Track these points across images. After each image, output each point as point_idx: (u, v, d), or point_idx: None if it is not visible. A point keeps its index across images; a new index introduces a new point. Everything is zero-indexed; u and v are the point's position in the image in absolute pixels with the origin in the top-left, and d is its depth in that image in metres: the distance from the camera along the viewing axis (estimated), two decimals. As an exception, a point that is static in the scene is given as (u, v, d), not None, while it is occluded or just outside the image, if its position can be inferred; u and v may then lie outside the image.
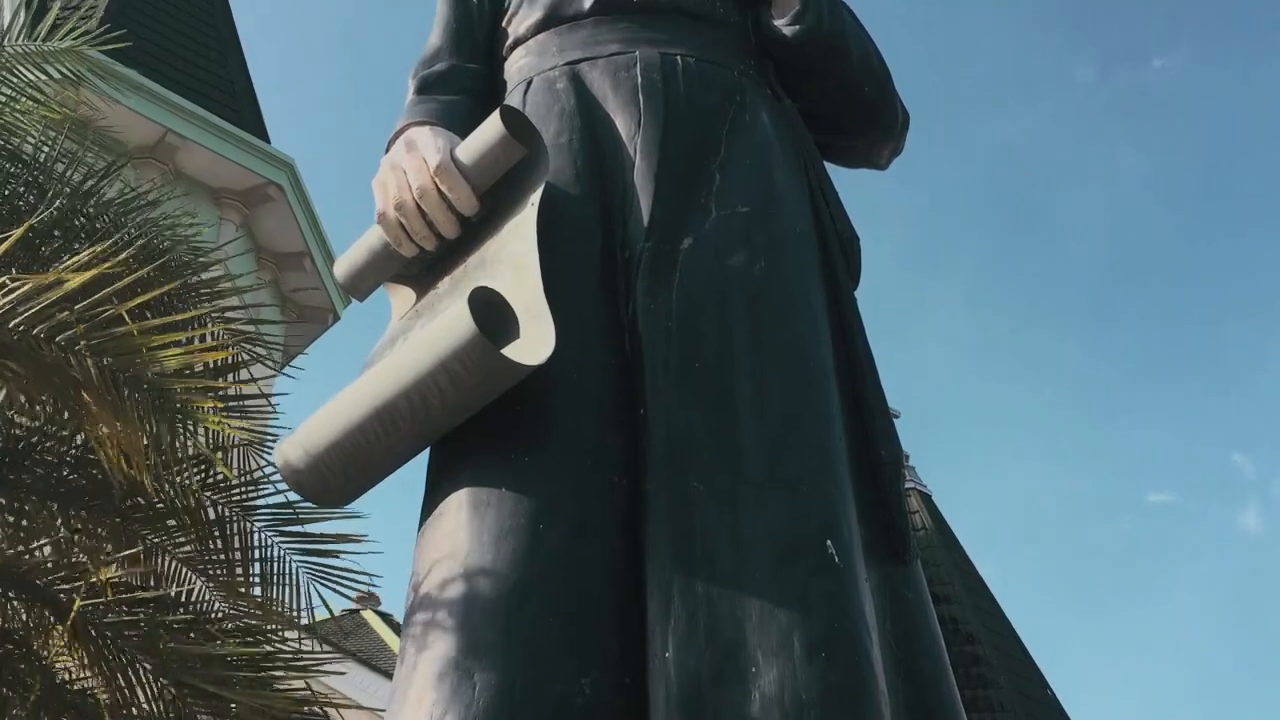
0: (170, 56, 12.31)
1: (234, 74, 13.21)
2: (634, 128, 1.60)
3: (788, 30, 1.76)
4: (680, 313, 1.44)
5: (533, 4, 1.79)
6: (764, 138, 1.64)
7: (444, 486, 1.38)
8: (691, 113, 1.62)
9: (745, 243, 1.51)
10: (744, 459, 1.34)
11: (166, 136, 10.98)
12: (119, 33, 6.09)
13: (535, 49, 1.75)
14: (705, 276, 1.47)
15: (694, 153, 1.58)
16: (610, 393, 1.41)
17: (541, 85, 1.69)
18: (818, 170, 1.72)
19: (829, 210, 1.67)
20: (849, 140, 1.87)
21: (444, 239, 1.54)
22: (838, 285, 1.60)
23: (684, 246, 1.50)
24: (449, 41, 1.81)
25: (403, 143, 1.59)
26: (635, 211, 1.53)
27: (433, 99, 1.72)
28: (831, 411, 1.44)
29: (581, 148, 1.59)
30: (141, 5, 12.78)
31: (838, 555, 1.29)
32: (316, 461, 1.36)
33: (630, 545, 1.33)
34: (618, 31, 1.71)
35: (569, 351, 1.35)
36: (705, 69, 1.68)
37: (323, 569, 4.89)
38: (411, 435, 1.35)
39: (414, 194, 1.52)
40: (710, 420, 1.36)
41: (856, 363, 1.55)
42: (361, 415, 1.33)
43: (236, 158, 11.43)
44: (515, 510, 1.30)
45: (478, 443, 1.37)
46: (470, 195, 1.50)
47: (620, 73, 1.66)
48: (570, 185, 1.55)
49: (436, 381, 1.29)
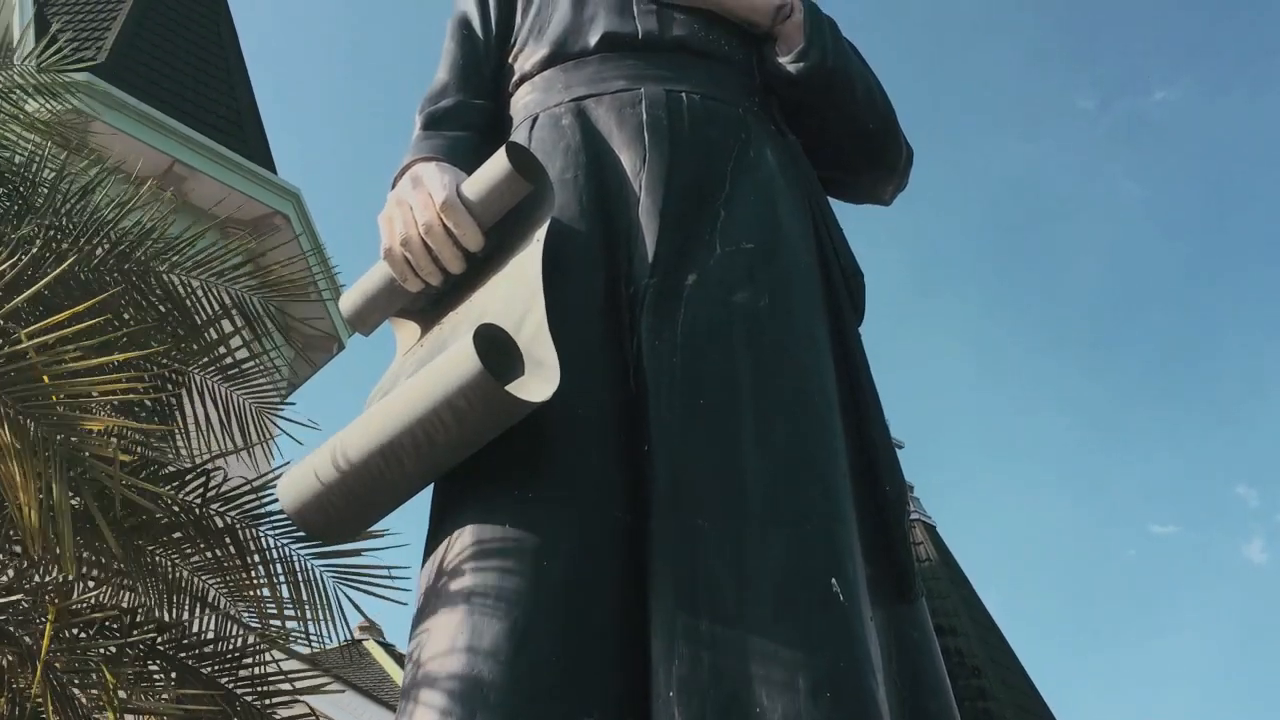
0: (178, 86, 12.40)
1: (241, 104, 13.30)
2: (639, 164, 1.60)
3: (792, 67, 1.77)
4: (684, 349, 1.44)
5: (539, 41, 1.81)
6: (768, 174, 1.65)
7: (448, 522, 1.37)
8: (696, 149, 1.63)
9: (750, 279, 1.51)
10: (748, 496, 1.33)
11: (174, 166, 11.05)
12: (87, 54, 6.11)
13: (541, 85, 1.77)
14: (710, 313, 1.48)
15: (699, 189, 1.59)
16: (615, 429, 1.41)
17: (547, 121, 1.70)
18: (821, 206, 1.73)
19: (833, 246, 1.67)
20: (853, 176, 1.88)
21: (449, 274, 1.54)
22: (842, 320, 1.60)
23: (689, 282, 1.50)
24: (456, 78, 1.83)
25: (409, 178, 1.60)
26: (640, 247, 1.53)
27: (439, 135, 1.73)
28: (836, 447, 1.43)
29: (587, 184, 1.60)
30: (150, 36, 12.88)
31: (843, 593, 1.29)
32: (319, 498, 1.36)
33: (634, 582, 1.33)
34: (623, 68, 1.73)
35: (573, 388, 1.36)
36: (710, 105, 1.69)
37: (348, 570, 4.81)
38: (416, 471, 1.35)
39: (420, 229, 1.52)
40: (714, 457, 1.36)
41: (860, 398, 1.55)
42: (365, 451, 1.33)
43: (243, 187, 11.49)
44: (519, 547, 1.30)
45: (481, 479, 1.37)
46: (476, 231, 1.51)
47: (625, 109, 1.67)
48: (575, 221, 1.56)
49: (441, 417, 1.29)
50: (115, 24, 12.74)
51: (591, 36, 1.76)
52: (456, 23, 1.91)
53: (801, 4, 1.83)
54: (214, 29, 13.99)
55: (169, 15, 13.47)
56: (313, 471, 1.37)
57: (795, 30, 1.79)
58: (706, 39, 1.77)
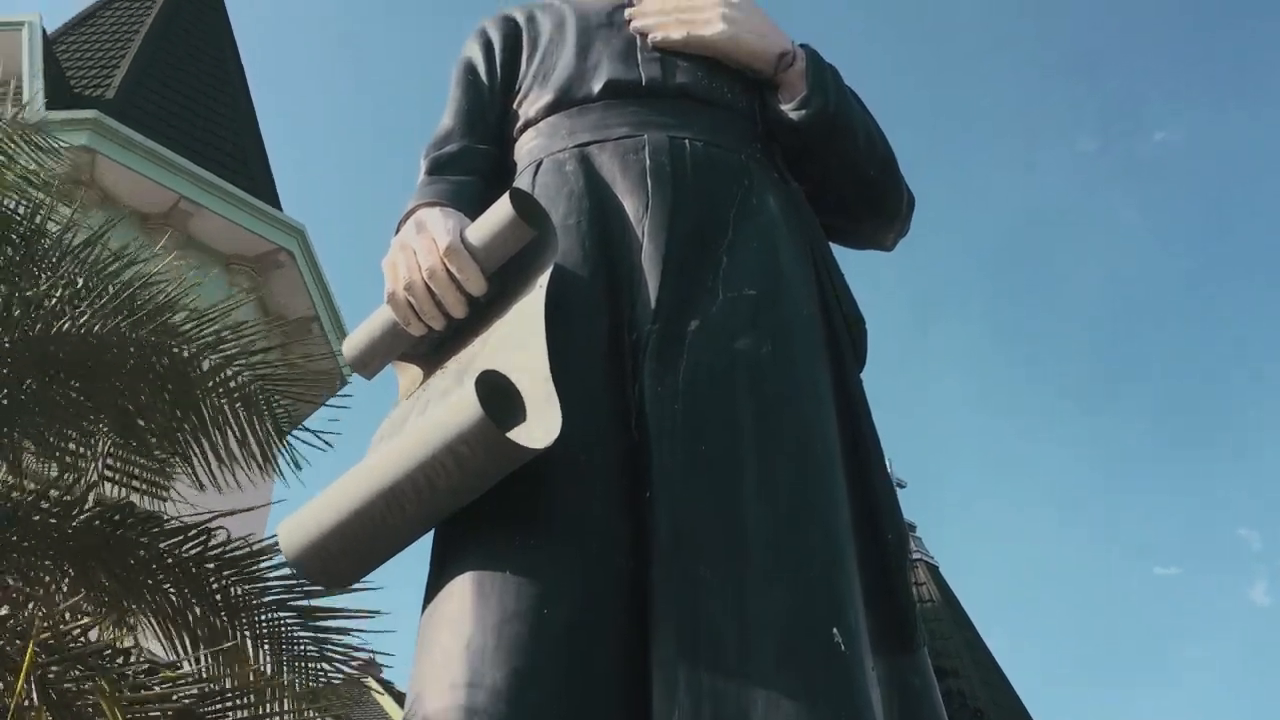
0: (185, 123, 12.50)
1: (247, 140, 13.40)
2: (642, 210, 1.61)
3: (794, 114, 1.78)
4: (686, 395, 1.44)
5: (543, 87, 1.82)
6: (771, 220, 1.66)
7: (448, 569, 1.37)
8: (699, 196, 1.64)
9: (752, 326, 1.51)
10: (750, 545, 1.33)
11: (180, 203, 11.11)
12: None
13: (545, 131, 1.78)
14: (712, 359, 1.48)
15: (701, 235, 1.60)
16: (617, 476, 1.41)
17: (551, 167, 1.71)
18: (824, 253, 1.73)
19: (835, 293, 1.68)
20: (855, 223, 1.88)
21: (452, 319, 1.55)
22: (844, 368, 1.61)
23: (691, 329, 1.50)
24: (460, 123, 1.84)
25: (413, 223, 1.61)
26: (643, 294, 1.54)
27: (443, 180, 1.74)
28: (838, 496, 1.43)
29: (590, 230, 1.61)
30: (159, 73, 13.00)
31: (844, 643, 1.28)
32: (319, 543, 1.36)
33: (636, 631, 1.32)
34: (627, 115, 1.74)
35: (575, 434, 1.36)
36: (713, 152, 1.70)
37: (328, 641, 4.83)
38: (416, 517, 1.35)
39: (423, 274, 1.53)
40: (716, 505, 1.36)
41: (862, 445, 1.55)
42: (366, 497, 1.33)
43: (248, 224, 11.56)
44: (519, 595, 1.30)
45: (483, 525, 1.37)
46: (479, 276, 1.51)
47: (629, 155, 1.68)
48: (578, 267, 1.57)
49: (442, 464, 1.29)
50: (124, 61, 12.86)
51: (595, 83, 1.78)
52: (462, 69, 1.93)
53: (804, 52, 1.85)
54: (221, 66, 14.12)
55: (177, 53, 13.61)
56: (314, 517, 1.36)
57: (798, 78, 1.81)
58: (709, 86, 1.79)
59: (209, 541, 4.44)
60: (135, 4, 14.14)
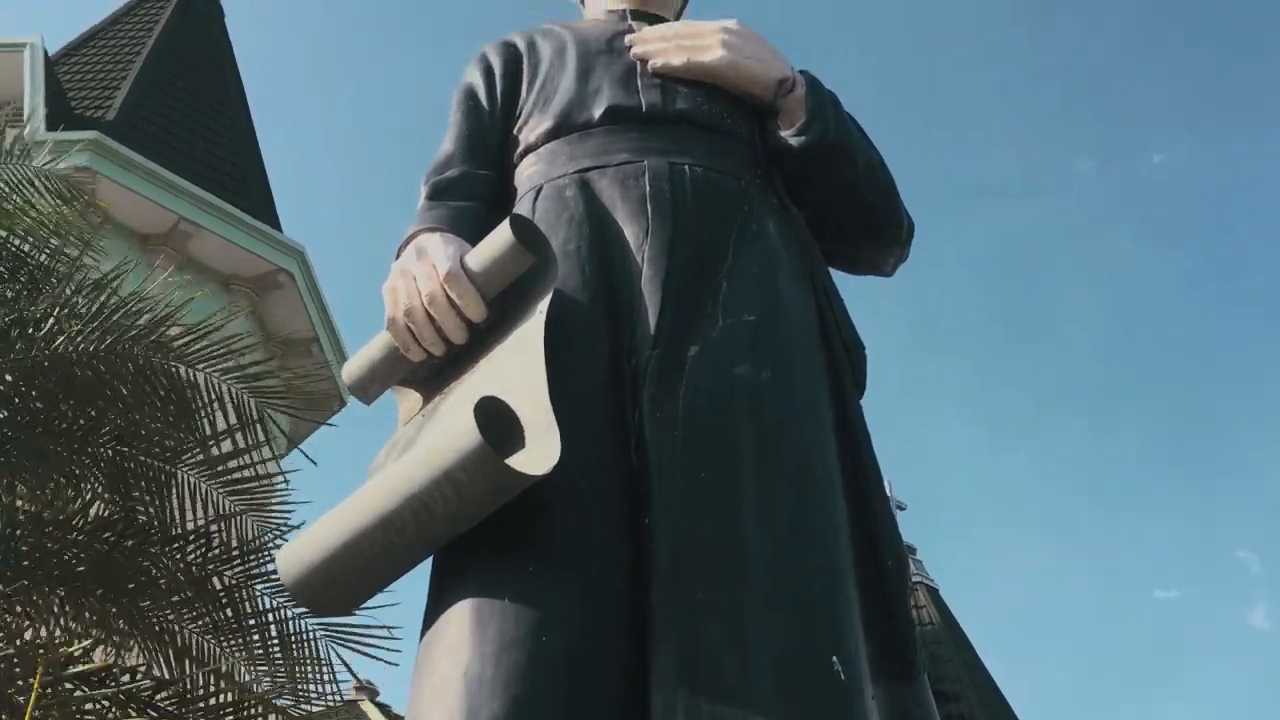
0: (186, 144, 12.53)
1: (247, 161, 13.43)
2: (642, 236, 1.62)
3: (794, 140, 1.79)
4: (686, 421, 1.44)
5: (544, 113, 1.83)
6: (770, 246, 1.66)
7: (447, 596, 1.36)
8: (699, 221, 1.64)
9: (751, 351, 1.51)
10: (749, 571, 1.33)
11: (179, 224, 11.13)
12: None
13: (546, 156, 1.78)
14: (711, 385, 1.48)
15: (701, 261, 1.60)
16: (616, 501, 1.41)
17: (551, 192, 1.71)
18: (823, 278, 1.73)
19: (835, 318, 1.68)
20: (854, 248, 1.89)
21: (452, 345, 1.55)
22: (843, 394, 1.60)
23: (691, 354, 1.50)
24: (461, 149, 1.84)
25: (413, 249, 1.61)
26: (642, 319, 1.54)
27: (444, 205, 1.74)
28: (837, 523, 1.43)
29: (590, 255, 1.61)
30: (160, 94, 13.04)
31: (844, 671, 1.28)
32: (318, 570, 1.35)
33: (635, 657, 1.32)
34: (627, 141, 1.74)
35: (575, 460, 1.35)
36: (713, 178, 1.70)
37: (342, 630, 4.81)
38: (415, 544, 1.34)
39: (423, 300, 1.53)
40: (715, 531, 1.36)
41: (861, 471, 1.55)
42: (364, 524, 1.33)
43: (248, 245, 11.58)
44: (518, 621, 1.29)
45: (481, 551, 1.36)
46: (479, 302, 1.51)
47: (629, 181, 1.68)
48: (578, 292, 1.57)
49: (441, 490, 1.29)
50: (125, 83, 12.91)
51: (596, 109, 1.78)
52: (462, 94, 1.93)
53: (804, 78, 1.86)
54: (222, 88, 14.17)
55: (178, 74, 13.66)
56: (311, 544, 1.36)
57: (797, 104, 1.81)
58: (709, 112, 1.79)
59: (210, 545, 4.44)
60: (137, 26, 14.20)
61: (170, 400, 4.91)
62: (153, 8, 14.66)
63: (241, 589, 4.67)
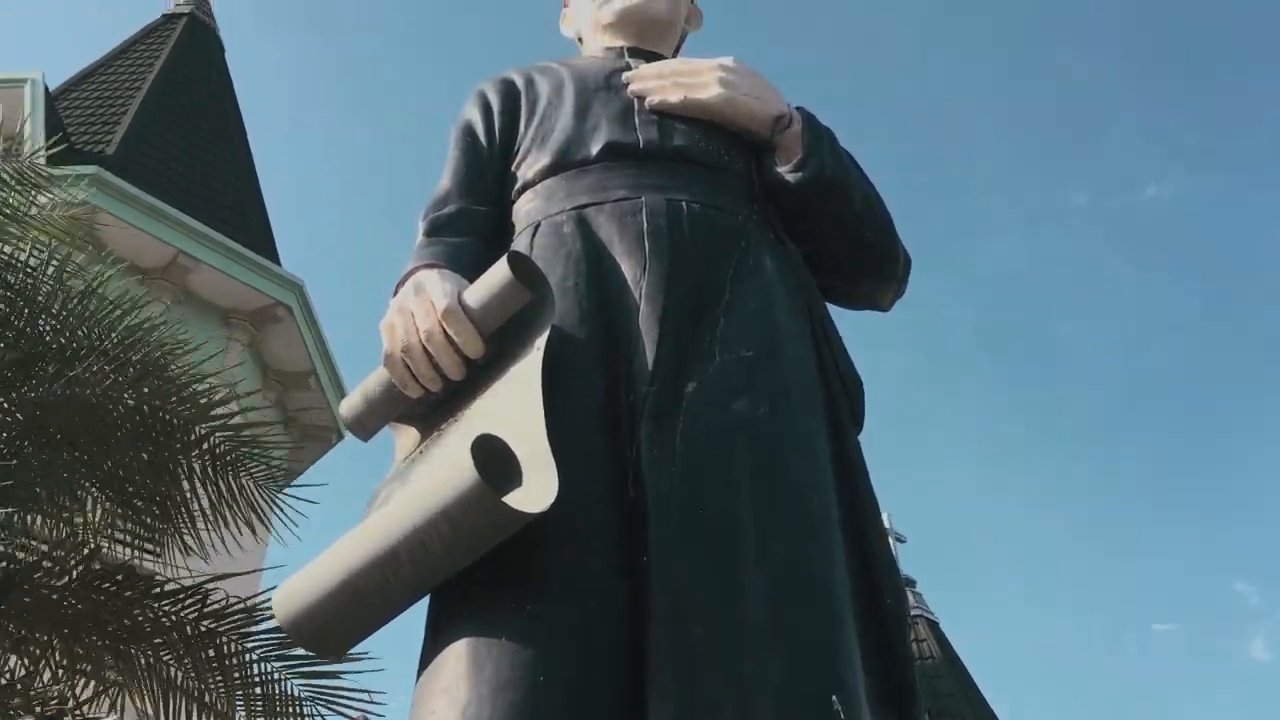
0: (185, 179, 12.57)
1: (247, 195, 13.48)
2: (639, 272, 1.62)
3: (790, 177, 1.79)
4: (684, 458, 1.44)
5: (542, 149, 1.83)
6: (768, 281, 1.66)
7: (444, 635, 1.35)
8: (696, 257, 1.64)
9: (749, 387, 1.51)
10: (747, 610, 1.32)
11: (178, 258, 11.15)
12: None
13: (543, 193, 1.79)
14: (709, 421, 1.47)
15: (698, 297, 1.60)
16: (614, 539, 1.40)
17: (549, 229, 1.71)
18: (821, 314, 1.74)
19: (832, 354, 1.68)
20: (852, 284, 1.89)
21: (450, 381, 1.55)
22: (841, 429, 1.60)
23: (688, 390, 1.50)
24: (459, 185, 1.85)
25: (411, 285, 1.61)
26: (640, 355, 1.54)
27: (441, 241, 1.74)
28: (836, 560, 1.42)
29: (587, 292, 1.61)
30: (160, 129, 13.10)
31: (844, 711, 1.27)
32: (314, 610, 1.34)
33: (633, 696, 1.30)
34: (625, 177, 1.75)
35: (572, 497, 1.35)
36: (710, 214, 1.71)
37: (324, 690, 4.81)
38: (411, 583, 1.34)
39: (421, 336, 1.53)
40: (714, 569, 1.35)
41: (860, 509, 1.54)
42: (361, 562, 1.32)
43: (246, 278, 11.59)
44: (515, 661, 1.28)
45: (478, 590, 1.36)
46: (476, 339, 1.51)
47: (626, 217, 1.69)
48: (576, 329, 1.57)
49: (438, 529, 1.28)
50: (125, 118, 12.97)
51: (594, 146, 1.79)
52: (460, 131, 1.94)
53: (800, 115, 1.87)
54: (222, 122, 14.24)
55: (179, 109, 13.73)
56: (308, 583, 1.35)
57: (794, 141, 1.82)
58: (706, 149, 1.80)
59: (205, 601, 4.42)
60: (137, 61, 14.29)
61: (159, 447, 4.93)
62: (153, 43, 14.76)
63: (226, 646, 4.66)
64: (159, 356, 4.92)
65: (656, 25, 2.09)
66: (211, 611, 4.52)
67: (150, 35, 15.01)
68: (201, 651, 4.50)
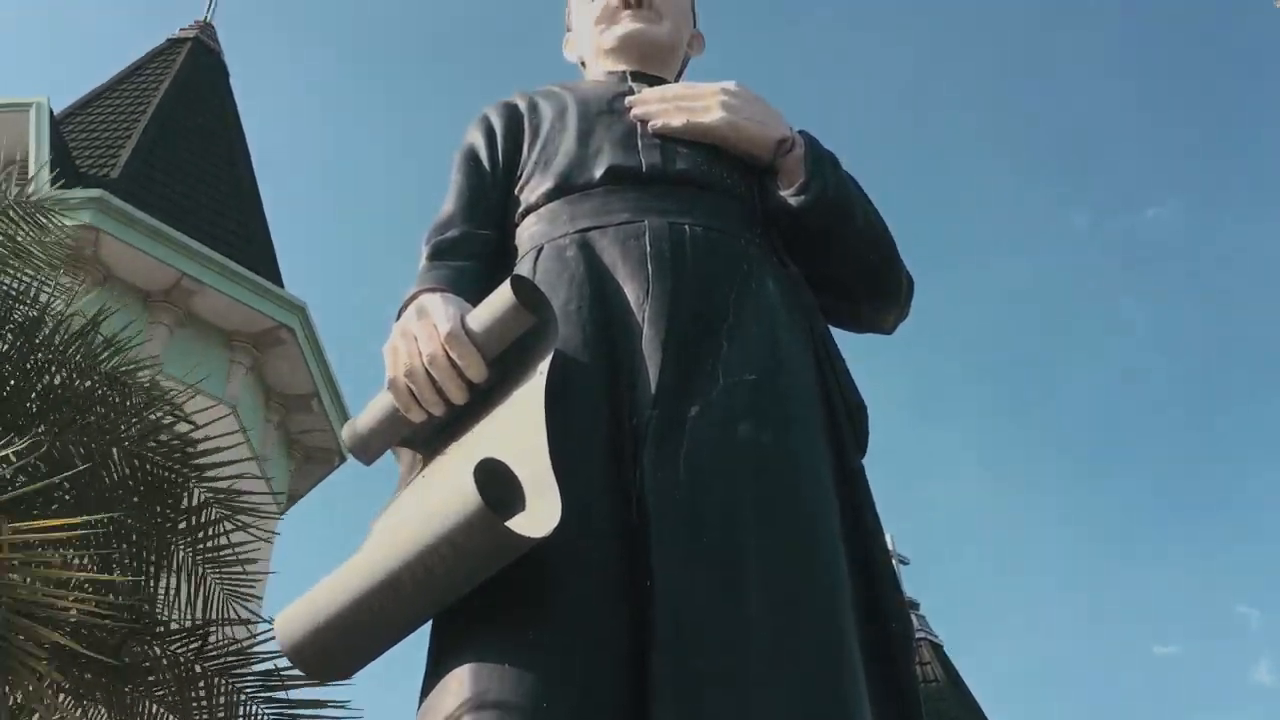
0: (190, 202, 12.61)
1: (250, 218, 13.51)
2: (642, 295, 1.62)
3: (793, 200, 1.79)
4: (687, 482, 1.43)
5: (545, 173, 1.84)
6: (770, 305, 1.66)
7: (446, 662, 1.35)
8: (699, 280, 1.64)
9: (752, 411, 1.51)
10: (751, 638, 1.31)
11: (182, 281, 11.16)
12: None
13: (546, 216, 1.79)
14: (712, 445, 1.47)
15: (701, 320, 1.60)
16: (617, 565, 1.39)
17: (552, 252, 1.71)
18: (824, 337, 1.73)
19: (835, 378, 1.68)
20: (854, 306, 1.88)
21: (452, 405, 1.54)
22: (845, 454, 1.60)
23: (691, 414, 1.50)
24: (462, 208, 1.85)
25: (414, 309, 1.61)
26: (643, 379, 1.53)
27: (445, 265, 1.74)
28: (840, 587, 1.41)
29: (590, 315, 1.61)
30: (164, 153, 13.15)
31: None
32: (318, 636, 1.33)
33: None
34: (628, 201, 1.75)
35: (575, 522, 1.34)
36: (713, 237, 1.71)
37: None
38: (414, 608, 1.33)
39: (424, 360, 1.53)
40: (717, 596, 1.34)
41: (864, 534, 1.54)
42: (364, 588, 1.31)
43: (249, 301, 11.61)
44: (517, 689, 1.27)
45: (481, 616, 1.35)
46: (480, 363, 1.51)
47: (630, 241, 1.69)
48: (579, 352, 1.56)
49: (440, 554, 1.28)
50: (130, 141, 13.02)
51: (596, 170, 1.79)
52: (464, 155, 1.95)
53: (802, 138, 1.87)
54: (226, 145, 14.29)
55: (183, 132, 13.78)
56: (310, 609, 1.34)
57: (796, 164, 1.82)
58: (709, 172, 1.80)
59: (206, 641, 4.42)
60: (142, 85, 14.36)
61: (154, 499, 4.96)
62: (158, 68, 14.83)
63: (218, 685, 4.66)
64: (156, 418, 4.97)
65: (659, 50, 2.10)
66: (211, 655, 4.52)
67: (155, 59, 15.08)
68: (191, 689, 4.49)
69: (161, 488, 4.98)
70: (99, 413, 4.77)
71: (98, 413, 4.77)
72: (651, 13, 2.12)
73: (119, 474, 4.79)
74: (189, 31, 15.75)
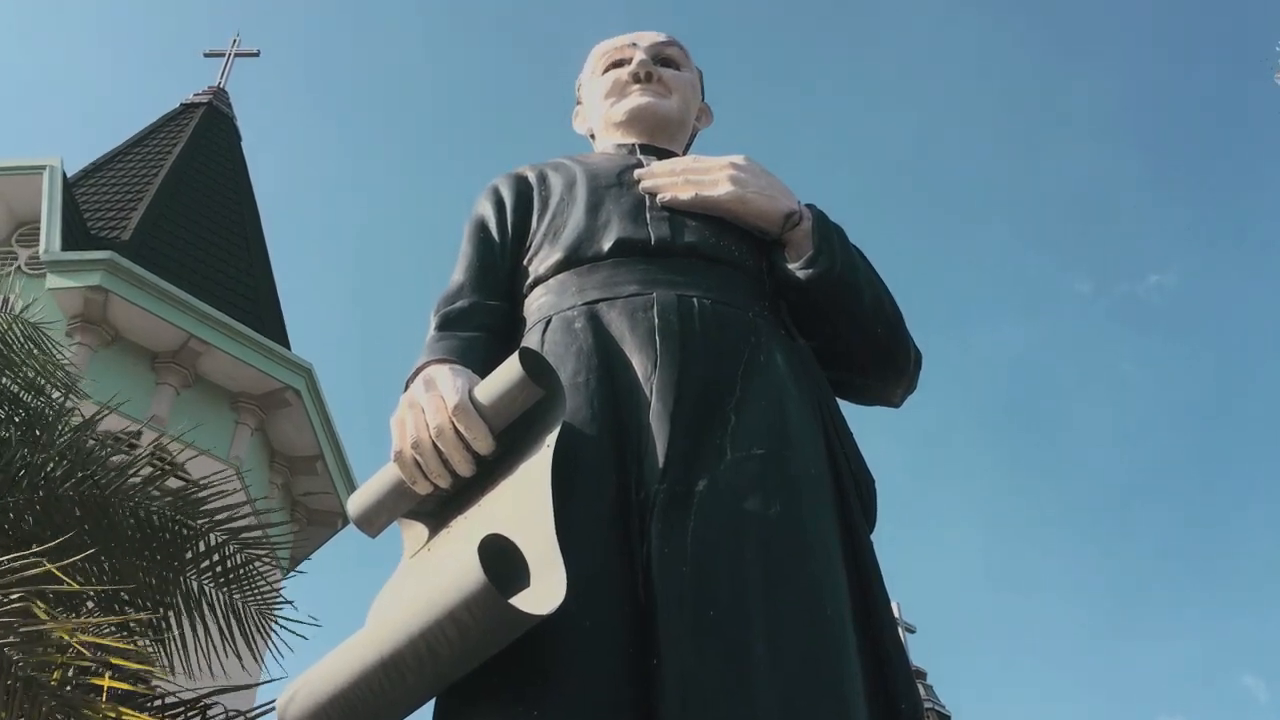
0: (199, 264, 12.69)
1: (259, 280, 13.58)
2: (650, 368, 1.61)
3: (801, 273, 1.80)
4: (694, 557, 1.42)
5: (554, 245, 1.84)
6: (778, 378, 1.65)
7: None
8: (707, 354, 1.64)
9: (760, 485, 1.49)
10: (759, 715, 1.29)
11: (190, 342, 11.20)
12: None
13: (555, 288, 1.79)
14: (720, 520, 1.46)
15: (709, 394, 1.59)
16: (623, 640, 1.38)
17: (560, 324, 1.72)
18: (832, 410, 1.72)
19: (844, 452, 1.66)
20: (862, 379, 1.88)
21: (459, 477, 1.53)
22: (853, 528, 1.58)
23: (699, 488, 1.49)
24: (471, 279, 1.86)
25: (422, 381, 1.61)
26: (650, 452, 1.52)
27: (453, 336, 1.74)
28: (849, 663, 1.39)
29: (598, 388, 1.60)
30: (175, 216, 13.26)
31: None
32: (319, 712, 1.31)
33: None
34: (636, 273, 1.75)
35: (581, 598, 1.32)
36: (721, 310, 1.71)
37: None
38: (418, 686, 1.31)
39: (431, 432, 1.52)
40: (725, 672, 1.32)
41: (873, 609, 1.52)
42: (367, 666, 1.30)
43: (256, 363, 11.63)
44: None
45: (484, 694, 1.33)
46: (487, 435, 1.50)
47: (638, 313, 1.69)
48: (586, 425, 1.56)
49: (444, 631, 1.26)
50: (141, 204, 13.14)
51: (605, 242, 1.80)
52: (474, 226, 1.96)
53: (811, 212, 1.88)
54: (237, 209, 14.41)
55: (194, 196, 13.91)
56: (313, 686, 1.33)
57: (804, 238, 1.83)
58: (717, 245, 1.81)
59: (206, 715, 4.37)
60: (155, 149, 14.52)
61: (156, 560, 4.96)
62: (171, 131, 15.01)
63: None
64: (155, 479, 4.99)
65: (667, 124, 2.12)
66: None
67: (169, 124, 15.28)
68: None
69: (175, 542, 4.97)
70: (100, 482, 4.77)
71: (99, 482, 4.78)
72: (660, 87, 2.14)
73: (130, 532, 4.79)
74: (203, 96, 15.96)
